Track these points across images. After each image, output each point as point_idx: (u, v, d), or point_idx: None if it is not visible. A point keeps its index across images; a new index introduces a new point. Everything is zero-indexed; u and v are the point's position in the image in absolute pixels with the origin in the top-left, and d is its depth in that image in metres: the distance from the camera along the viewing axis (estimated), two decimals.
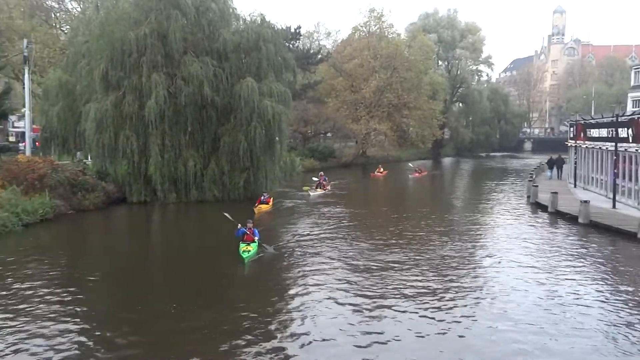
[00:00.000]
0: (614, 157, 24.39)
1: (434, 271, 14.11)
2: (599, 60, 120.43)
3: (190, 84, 26.51)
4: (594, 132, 29.73)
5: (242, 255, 15.04)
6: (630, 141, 23.81)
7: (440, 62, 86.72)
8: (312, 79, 58.62)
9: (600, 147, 28.46)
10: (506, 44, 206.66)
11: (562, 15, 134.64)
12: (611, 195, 24.68)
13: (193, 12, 27.53)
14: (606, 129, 27.27)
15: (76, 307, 11.32)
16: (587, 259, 15.81)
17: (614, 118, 25.35)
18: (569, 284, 13.10)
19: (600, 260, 15.86)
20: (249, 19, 30.73)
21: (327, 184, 33.34)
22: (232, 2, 30.27)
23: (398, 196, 35.85)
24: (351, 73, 60.20)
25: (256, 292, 12.84)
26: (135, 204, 26.47)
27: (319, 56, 59.71)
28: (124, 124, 26.39)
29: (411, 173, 45.54)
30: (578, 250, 17.11)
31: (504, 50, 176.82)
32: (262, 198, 25.12)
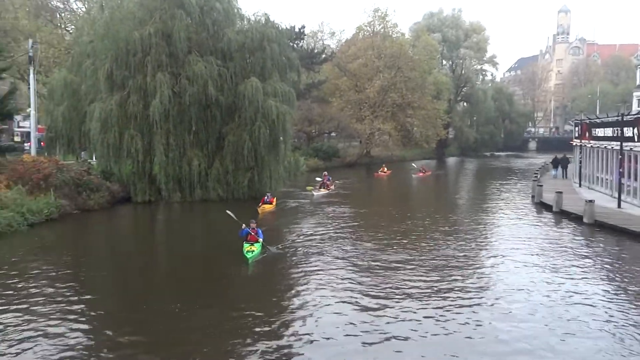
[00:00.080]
0: (619, 157, 24.32)
1: (439, 271, 14.09)
2: (604, 59, 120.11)
3: (194, 84, 26.58)
4: (599, 132, 29.63)
5: (246, 255, 15.05)
6: (635, 140, 23.70)
7: (444, 62, 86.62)
8: (316, 79, 58.65)
9: (605, 147, 28.37)
10: (511, 44, 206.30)
11: (567, 14, 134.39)
12: (616, 194, 24.59)
13: (197, 12, 27.60)
14: (611, 128, 27.17)
15: (81, 306, 11.36)
16: (592, 259, 15.76)
17: (619, 117, 25.28)
18: (574, 284, 13.06)
19: (605, 260, 15.81)
20: (253, 19, 30.82)
21: (331, 184, 33.30)
22: (237, 2, 30.38)
23: (402, 196, 35.79)
24: (355, 73, 60.16)
25: (259, 292, 12.85)
26: (139, 204, 26.55)
27: (323, 56, 59.72)
28: (129, 124, 26.47)
29: (415, 173, 45.47)
30: (583, 250, 17.06)
31: (509, 49, 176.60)
32: (266, 198, 25.15)
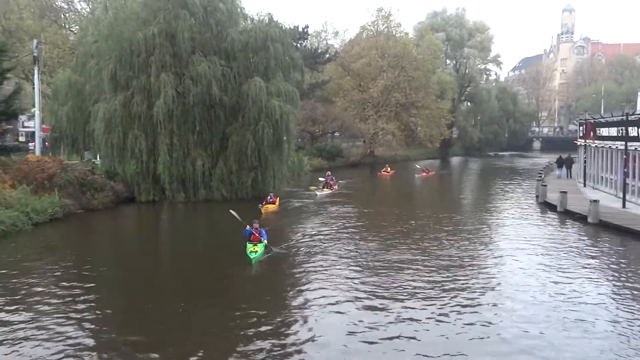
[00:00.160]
0: (624, 156, 24.22)
1: (442, 271, 14.05)
2: (609, 58, 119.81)
3: (198, 84, 26.60)
4: (604, 131, 29.53)
5: (249, 255, 15.03)
6: None
7: (448, 61, 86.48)
8: (320, 79, 58.67)
9: (610, 146, 28.28)
10: (515, 43, 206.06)
11: (572, 13, 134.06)
12: (621, 194, 24.50)
13: (201, 12, 27.61)
14: (616, 128, 27.07)
15: (85, 306, 11.37)
16: (597, 259, 15.70)
17: (624, 117, 25.19)
18: (579, 284, 13.01)
19: (610, 260, 15.75)
20: (257, 19, 30.84)
21: (334, 184, 33.28)
22: (240, 2, 30.47)
23: (405, 196, 35.76)
24: (359, 72, 60.15)
25: (263, 292, 12.85)
26: (143, 204, 26.59)
27: (327, 55, 59.72)
28: (133, 124, 26.52)
29: (418, 173, 45.39)
30: (588, 250, 16.99)
31: (513, 49, 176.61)
32: (269, 198, 25.13)
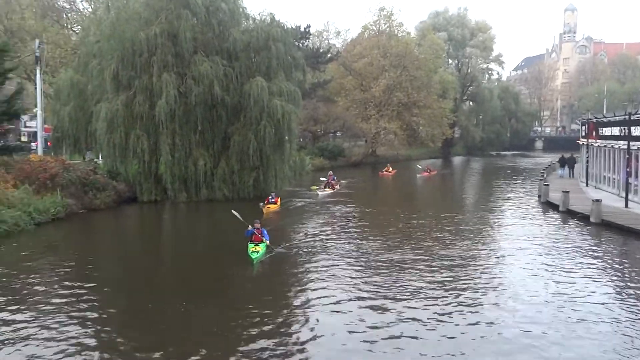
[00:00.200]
0: (627, 156, 24.18)
1: (444, 270, 14.04)
2: (611, 58, 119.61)
3: (200, 84, 26.62)
4: (606, 131, 29.48)
5: (251, 256, 15.01)
6: None
7: (450, 61, 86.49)
8: (322, 78, 58.71)
9: (612, 146, 28.22)
10: (517, 42, 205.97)
11: (574, 13, 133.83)
12: (623, 194, 24.46)
13: (203, 12, 27.64)
14: (618, 128, 27.02)
15: (86, 305, 11.39)
16: (600, 259, 15.67)
17: (627, 116, 25.14)
18: (581, 284, 12.99)
19: (612, 260, 15.73)
20: (259, 19, 30.93)
21: (336, 184, 33.27)
22: (242, 2, 30.47)
23: (407, 195, 35.74)
24: (361, 72, 60.16)
25: (264, 292, 12.83)
26: (145, 203, 26.63)
27: (329, 55, 59.78)
28: (135, 124, 26.55)
29: (419, 173, 45.34)
30: (590, 249, 16.95)
31: (515, 48, 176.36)
32: (270, 198, 25.12)
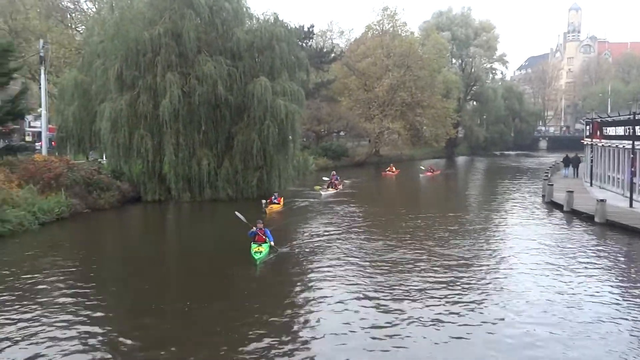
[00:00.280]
0: (631, 156, 24.09)
1: (448, 271, 14.02)
2: (616, 57, 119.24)
3: (204, 84, 26.64)
4: (611, 130, 29.39)
5: (254, 256, 14.99)
6: None
7: (454, 60, 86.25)
8: (325, 78, 58.67)
9: (617, 146, 28.13)
10: (521, 42, 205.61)
11: (578, 12, 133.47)
12: (628, 194, 24.37)
13: (207, 12, 27.65)
14: (623, 127, 26.94)
15: (89, 304, 11.42)
16: (604, 259, 15.61)
17: (631, 116, 25.04)
18: (585, 284, 12.95)
19: (617, 260, 15.68)
20: (262, 18, 30.92)
21: (339, 183, 33.26)
22: (246, 2, 30.49)
23: (411, 195, 35.71)
24: (364, 72, 60.08)
25: (267, 292, 12.84)
26: (149, 203, 26.67)
27: (332, 55, 59.75)
28: (139, 124, 26.60)
29: (422, 173, 45.24)
30: (594, 250, 16.91)
31: (519, 48, 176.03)
32: (273, 198, 25.07)
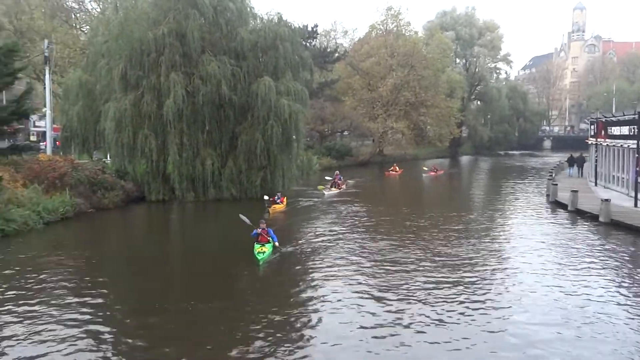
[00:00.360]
0: (636, 155, 24.00)
1: (452, 271, 13.99)
2: (621, 56, 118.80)
3: (208, 83, 26.67)
4: (615, 130, 29.29)
5: (257, 256, 14.98)
6: None
7: (458, 60, 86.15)
8: (329, 78, 58.69)
9: (621, 145, 28.04)
10: (525, 41, 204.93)
11: (583, 11, 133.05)
12: (633, 193, 24.29)
13: (211, 12, 27.68)
14: (628, 127, 26.84)
15: (93, 303, 11.45)
16: (609, 259, 15.56)
17: (636, 115, 24.96)
18: (590, 284, 12.90)
19: (621, 260, 15.62)
20: (266, 18, 30.93)
21: (342, 183, 33.23)
22: (250, 1, 30.52)
23: (415, 195, 35.67)
24: (368, 71, 60.07)
25: (272, 292, 12.84)
26: (153, 203, 26.73)
27: (336, 55, 59.77)
28: (143, 123, 26.65)
29: (425, 173, 45.20)
30: (599, 250, 16.84)
31: (523, 47, 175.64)
32: (276, 198, 25.02)
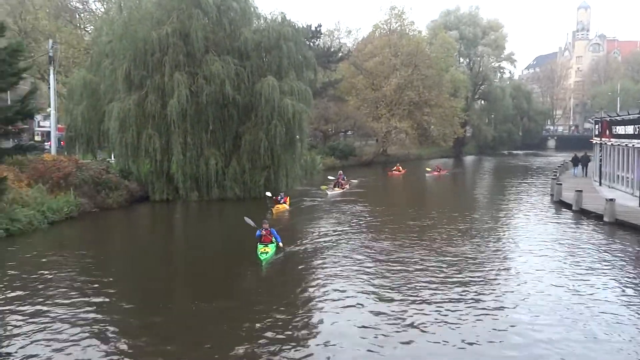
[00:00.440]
0: None
1: (456, 271, 13.97)
2: (625, 56, 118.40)
3: (211, 83, 26.70)
4: (620, 129, 29.19)
5: (260, 257, 14.97)
6: None
7: (461, 60, 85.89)
8: (333, 77, 58.66)
9: (626, 145, 27.96)
10: (529, 41, 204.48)
11: (587, 10, 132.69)
12: (637, 193, 24.21)
13: (214, 11, 27.69)
14: (632, 126, 26.77)
15: (97, 301, 11.48)
16: (613, 259, 15.51)
17: None
18: (595, 284, 12.88)
19: (626, 260, 15.56)
20: (270, 18, 30.95)
21: (346, 183, 33.18)
22: (253, 1, 30.60)
23: (418, 195, 35.63)
24: (372, 71, 59.98)
25: (275, 292, 12.86)
26: (157, 203, 26.77)
27: (340, 54, 59.70)
28: (147, 123, 26.69)
29: (429, 173, 45.11)
30: (603, 249, 16.79)
31: (527, 46, 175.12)
32: (279, 198, 25.04)
